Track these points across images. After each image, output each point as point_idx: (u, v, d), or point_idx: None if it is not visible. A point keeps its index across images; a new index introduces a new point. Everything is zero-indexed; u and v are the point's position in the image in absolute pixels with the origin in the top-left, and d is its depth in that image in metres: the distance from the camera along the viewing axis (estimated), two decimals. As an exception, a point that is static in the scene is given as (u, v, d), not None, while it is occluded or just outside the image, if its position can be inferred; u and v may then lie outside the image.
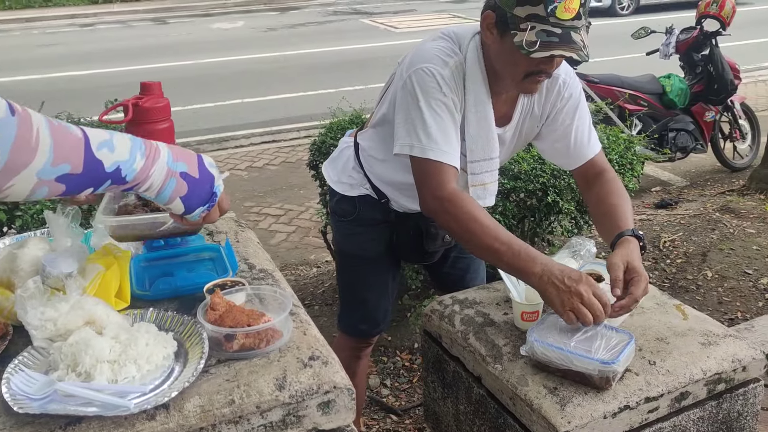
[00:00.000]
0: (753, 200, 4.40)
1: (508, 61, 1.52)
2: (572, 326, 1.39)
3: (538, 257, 1.41)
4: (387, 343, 3.06)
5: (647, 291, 1.45)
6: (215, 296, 1.18)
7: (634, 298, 1.41)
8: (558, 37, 1.42)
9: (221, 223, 1.78)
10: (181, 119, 7.29)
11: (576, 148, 1.74)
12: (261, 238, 4.44)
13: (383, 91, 1.77)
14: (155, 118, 1.34)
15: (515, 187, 2.75)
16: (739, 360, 1.50)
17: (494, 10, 1.50)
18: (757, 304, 3.18)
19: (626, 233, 1.54)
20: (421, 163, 1.53)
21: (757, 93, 7.37)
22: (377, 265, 1.96)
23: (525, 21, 1.43)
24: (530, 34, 1.42)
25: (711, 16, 4.96)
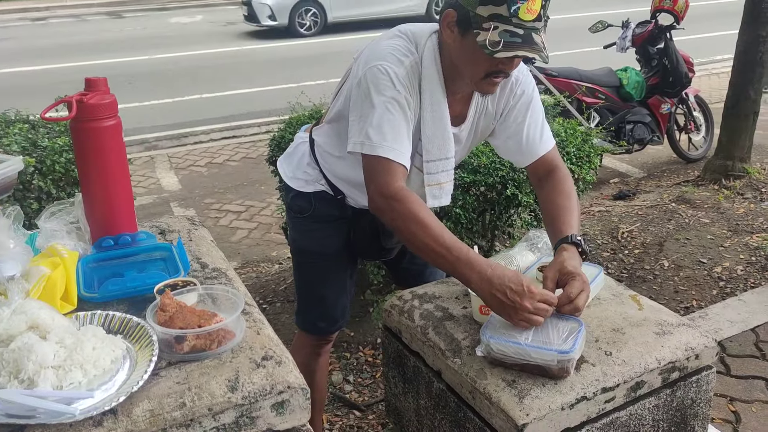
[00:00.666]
0: (707, 190, 4.50)
1: (469, 60, 1.52)
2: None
3: (476, 264, 1.41)
4: (350, 338, 3.05)
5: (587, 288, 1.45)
6: (165, 297, 1.15)
7: (567, 296, 1.42)
8: (520, 37, 1.43)
9: (173, 222, 1.74)
10: (138, 115, 7.18)
11: (528, 145, 1.74)
12: (222, 235, 4.43)
13: (338, 86, 1.75)
14: (101, 115, 1.30)
15: (475, 180, 2.76)
16: (692, 348, 1.52)
17: (456, 9, 1.49)
18: (711, 292, 3.25)
19: (566, 240, 1.56)
20: (371, 161, 1.53)
21: (710, 86, 7.54)
22: (335, 262, 1.94)
23: (488, 20, 1.43)
24: (493, 34, 1.42)
25: (665, 11, 5.04)
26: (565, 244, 1.55)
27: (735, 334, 2.78)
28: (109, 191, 1.43)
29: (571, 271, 1.45)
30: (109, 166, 1.40)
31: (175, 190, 5.30)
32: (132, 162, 5.76)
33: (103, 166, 1.39)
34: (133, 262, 1.43)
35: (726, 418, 2.31)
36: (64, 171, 2.52)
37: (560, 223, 1.61)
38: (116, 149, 1.40)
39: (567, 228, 1.59)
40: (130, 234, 1.47)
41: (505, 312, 1.38)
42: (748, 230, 3.85)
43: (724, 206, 4.19)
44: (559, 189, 1.70)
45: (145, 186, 5.38)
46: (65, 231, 1.42)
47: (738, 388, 2.46)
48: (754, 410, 2.35)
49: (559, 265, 1.48)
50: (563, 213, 1.64)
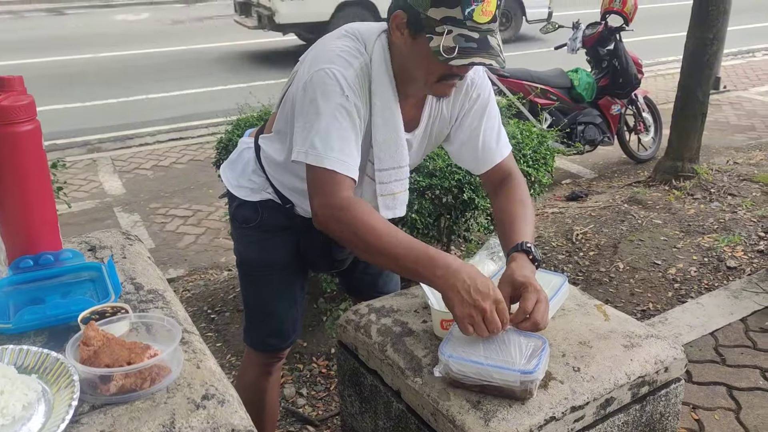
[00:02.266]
0: (658, 191, 4.54)
1: (422, 63, 1.43)
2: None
3: (441, 259, 1.32)
4: (302, 349, 2.93)
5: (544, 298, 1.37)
6: (89, 328, 1.01)
7: (523, 311, 1.34)
8: (476, 42, 1.35)
9: (106, 237, 1.59)
10: (81, 116, 6.90)
11: (484, 152, 1.67)
12: (168, 241, 4.25)
13: (283, 91, 1.64)
14: (16, 118, 1.15)
15: (431, 184, 2.69)
16: (661, 361, 1.48)
17: (405, 10, 1.40)
18: (666, 294, 3.25)
19: (516, 249, 1.48)
20: (316, 172, 1.41)
21: (657, 87, 7.68)
22: (284, 274, 1.83)
23: (440, 24, 1.35)
24: (447, 38, 1.34)
25: (615, 12, 5.08)
26: (514, 253, 1.47)
27: (695, 339, 2.77)
28: (28, 204, 1.27)
29: (522, 282, 1.37)
30: (27, 176, 1.24)
31: (119, 194, 5.09)
32: (72, 165, 5.53)
33: (19, 175, 1.23)
34: (57, 284, 1.27)
35: (690, 427, 2.28)
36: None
37: (512, 231, 1.54)
38: (35, 157, 1.25)
39: (518, 236, 1.51)
40: (53, 252, 1.32)
41: (460, 308, 1.28)
42: (700, 231, 3.88)
43: (676, 207, 4.22)
44: (512, 197, 1.63)
45: (87, 190, 5.16)
46: (-22, 251, 1.27)
47: (700, 396, 2.44)
48: (717, 418, 2.33)
49: (509, 278, 1.40)
50: (515, 221, 1.57)
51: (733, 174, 4.75)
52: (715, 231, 3.86)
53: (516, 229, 1.54)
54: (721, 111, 6.95)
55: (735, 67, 9.04)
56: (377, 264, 1.45)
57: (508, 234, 1.54)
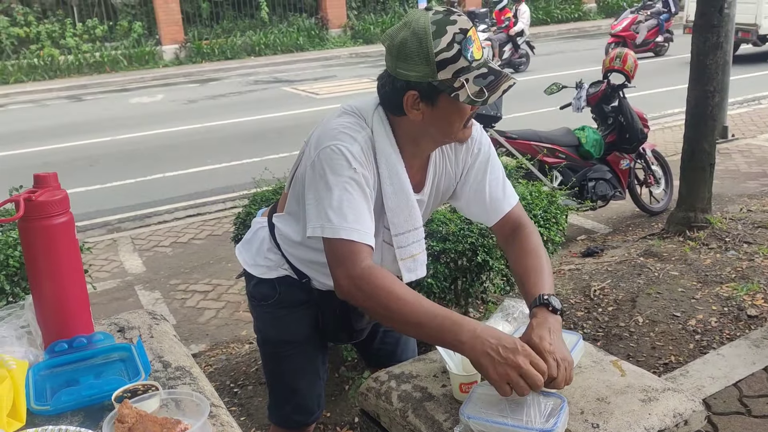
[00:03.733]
0: (673, 243, 4.55)
1: (447, 121, 1.52)
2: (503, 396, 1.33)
3: (465, 324, 1.35)
4: (326, 419, 2.93)
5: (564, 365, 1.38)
6: (123, 406, 1.07)
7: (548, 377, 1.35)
8: (491, 74, 1.46)
9: (133, 318, 1.66)
10: (101, 198, 7.08)
11: (492, 202, 1.72)
12: (189, 317, 4.30)
13: (292, 172, 1.71)
14: (51, 212, 1.24)
15: (445, 248, 2.74)
16: (680, 414, 1.48)
17: (414, 88, 1.49)
18: (688, 346, 3.23)
19: (535, 303, 1.51)
20: (333, 244, 1.46)
21: (665, 139, 7.76)
22: (305, 350, 1.86)
23: (455, 79, 1.44)
24: (470, 86, 1.43)
25: (616, 71, 5.22)
26: (534, 308, 1.50)
27: (718, 391, 2.74)
28: (62, 292, 1.35)
29: (541, 349, 1.37)
30: (61, 266, 1.32)
31: (140, 272, 5.18)
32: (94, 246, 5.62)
33: (54, 265, 1.32)
34: (90, 366, 1.34)
35: (719, 481, 2.25)
36: (19, 266, 2.42)
37: (529, 285, 1.57)
38: (68, 247, 1.33)
39: (534, 289, 1.55)
40: (86, 336, 1.39)
41: (494, 369, 1.30)
42: (717, 280, 3.87)
43: (691, 257, 4.22)
44: (525, 248, 1.67)
45: (108, 270, 5.25)
46: (15, 336, 1.33)
47: (728, 448, 2.40)
48: (746, 470, 2.29)
49: (527, 339, 1.41)
50: (530, 274, 1.60)
51: (748, 222, 4.76)
52: (733, 280, 3.85)
53: (532, 282, 1.57)
54: (731, 159, 6.99)
55: (742, 115, 9.11)
56: (400, 331, 1.49)
57: (526, 288, 1.57)
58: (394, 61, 1.49)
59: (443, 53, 1.43)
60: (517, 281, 1.67)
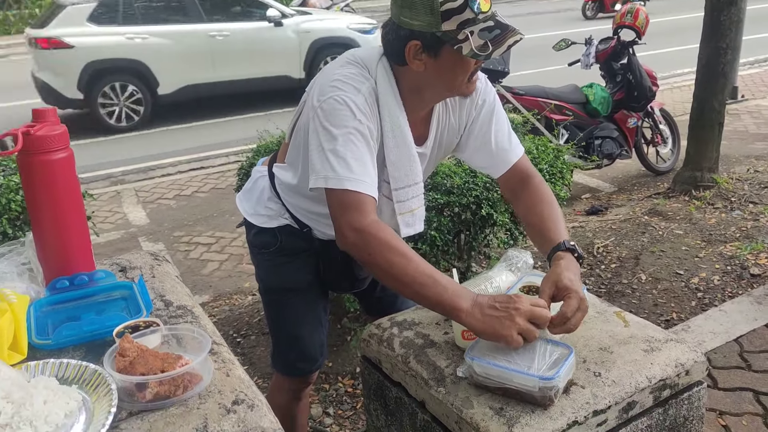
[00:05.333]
0: (678, 202, 4.53)
1: (450, 74, 1.48)
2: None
3: (465, 293, 1.35)
4: (328, 369, 2.96)
5: (584, 307, 1.38)
6: (124, 340, 1.06)
7: (563, 315, 1.35)
8: (498, 28, 1.41)
9: (135, 258, 1.65)
10: (104, 150, 7.05)
11: (499, 153, 1.69)
12: (192, 269, 4.32)
13: (293, 121, 1.68)
14: (50, 147, 1.22)
15: (449, 201, 2.72)
16: (682, 364, 1.48)
17: (417, 38, 1.44)
18: (690, 304, 3.24)
19: (558, 248, 1.50)
20: (338, 195, 1.43)
21: (674, 99, 7.67)
22: (307, 297, 1.86)
23: (459, 31, 1.39)
24: (474, 39, 1.39)
25: (627, 26, 5.12)
26: (559, 252, 1.48)
27: (719, 346, 2.75)
28: (63, 228, 1.33)
29: (568, 287, 1.38)
30: (62, 202, 1.31)
31: (143, 224, 5.19)
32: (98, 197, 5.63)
33: (54, 201, 1.30)
34: (91, 303, 1.33)
35: (717, 433, 2.27)
36: (21, 210, 2.41)
37: (549, 231, 1.55)
38: (68, 183, 1.31)
39: (557, 235, 1.53)
40: (87, 273, 1.38)
41: (501, 326, 1.29)
42: (722, 240, 3.86)
43: (696, 217, 4.21)
44: (538, 197, 1.64)
45: (112, 221, 5.26)
46: (16, 273, 1.33)
47: (726, 402, 2.42)
48: (745, 423, 2.31)
49: (556, 278, 1.40)
50: (549, 221, 1.58)
51: (754, 182, 4.73)
52: (737, 239, 3.84)
53: (552, 228, 1.55)
54: (740, 120, 6.91)
55: (753, 76, 8.99)
56: (398, 290, 1.45)
57: (545, 234, 1.55)
58: (398, 8, 1.45)
59: (448, 3, 1.38)
60: (531, 229, 1.65)
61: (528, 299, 1.33)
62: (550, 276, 1.43)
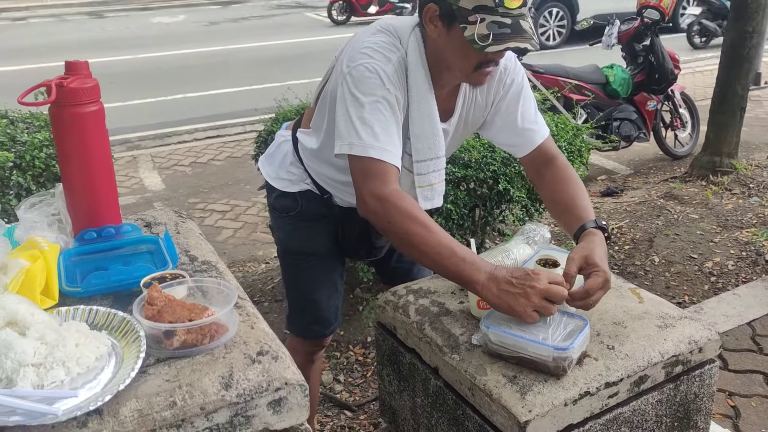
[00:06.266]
0: (695, 187, 4.50)
1: (458, 53, 1.46)
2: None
3: (482, 265, 1.35)
4: (339, 337, 2.99)
5: (608, 287, 1.40)
6: (152, 290, 1.09)
7: (586, 291, 1.37)
8: (509, 27, 1.38)
9: (160, 215, 1.68)
10: (121, 115, 7.08)
11: (524, 133, 1.69)
12: (207, 235, 4.30)
13: (320, 86, 1.68)
14: (82, 99, 1.23)
15: (466, 175, 2.72)
16: (695, 341, 1.49)
17: (437, 3, 1.44)
18: (702, 288, 3.24)
19: (588, 225, 1.50)
20: (362, 162, 1.44)
21: (695, 83, 7.58)
22: (324, 262, 1.88)
23: (473, 13, 1.38)
24: (481, 27, 1.37)
25: (651, 7, 5.05)
26: (591, 228, 1.49)
27: (731, 328, 2.76)
28: (92, 181, 1.36)
29: (598, 264, 1.39)
30: (92, 154, 1.33)
31: (159, 189, 5.23)
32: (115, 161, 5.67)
33: (85, 154, 1.32)
34: (118, 255, 1.36)
35: (725, 413, 2.29)
36: (45, 167, 2.44)
37: (578, 209, 1.56)
38: (99, 136, 1.33)
39: (586, 213, 1.54)
40: (114, 226, 1.40)
41: (516, 302, 1.31)
42: (738, 225, 3.85)
43: (713, 202, 4.19)
44: (565, 176, 1.65)
45: (128, 186, 5.30)
46: (46, 223, 1.35)
47: (737, 383, 2.44)
48: (754, 405, 2.33)
49: (588, 253, 1.41)
50: (576, 200, 1.58)
51: (773, 170, 4.69)
52: (753, 225, 3.82)
53: (581, 206, 1.56)
54: (762, 107, 6.83)
55: (776, 63, 8.85)
56: (416, 259, 1.46)
57: (573, 211, 1.56)
58: None
59: None
60: (555, 207, 1.66)
61: (546, 275, 1.34)
62: (580, 250, 1.43)
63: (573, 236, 1.54)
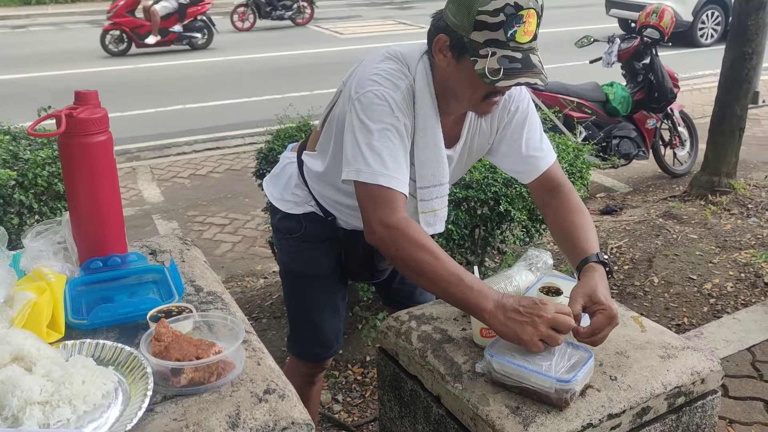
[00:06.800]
0: (694, 206, 4.51)
1: (467, 84, 1.47)
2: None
3: (490, 293, 1.36)
4: (338, 356, 2.98)
5: (616, 323, 1.40)
6: (160, 325, 1.09)
7: (593, 330, 1.37)
8: (520, 62, 1.38)
9: (165, 242, 1.68)
10: (120, 126, 7.00)
11: (529, 160, 1.70)
12: (205, 249, 4.35)
13: (327, 111, 1.68)
14: (91, 130, 1.24)
15: (467, 196, 2.73)
16: (697, 372, 1.49)
17: (447, 34, 1.44)
18: (702, 309, 3.24)
19: (590, 259, 1.50)
20: (370, 189, 1.45)
21: (694, 101, 7.61)
22: (326, 284, 1.88)
23: (484, 47, 1.39)
24: (492, 61, 1.38)
25: (651, 26, 5.08)
26: (592, 263, 1.49)
27: (731, 354, 2.76)
28: (99, 210, 1.36)
29: (603, 302, 1.39)
30: (99, 184, 1.33)
31: (158, 201, 5.22)
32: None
33: (92, 183, 1.33)
34: (124, 285, 1.36)
35: (726, 440, 2.29)
36: (47, 185, 2.43)
37: (581, 240, 1.56)
38: (107, 166, 1.34)
39: (590, 246, 1.54)
40: (120, 255, 1.41)
41: (523, 331, 1.31)
42: (736, 246, 3.85)
43: (712, 222, 4.20)
44: (570, 206, 1.65)
45: (127, 198, 5.29)
46: (52, 251, 1.35)
47: (737, 410, 2.44)
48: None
49: (591, 291, 1.41)
50: (581, 230, 1.59)
51: (772, 189, 4.71)
52: (752, 246, 3.83)
53: (584, 238, 1.56)
54: (760, 125, 6.86)
55: (774, 81, 8.90)
56: (424, 286, 1.47)
57: (577, 243, 1.56)
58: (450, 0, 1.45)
59: (485, 15, 1.36)
60: (559, 236, 1.66)
61: (553, 305, 1.34)
62: (583, 287, 1.43)
63: (575, 268, 1.54)
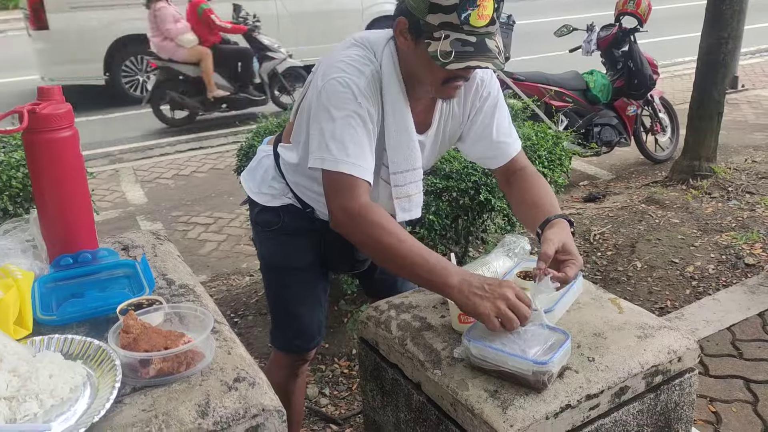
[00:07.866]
0: (675, 191, 4.55)
1: (425, 68, 1.47)
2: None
3: (454, 269, 1.38)
4: (324, 350, 2.99)
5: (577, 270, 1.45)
6: (128, 317, 1.08)
7: (565, 280, 1.41)
8: (473, 46, 1.39)
9: (137, 237, 1.67)
10: (101, 128, 7.03)
11: (499, 146, 1.72)
12: (190, 248, 4.33)
13: (299, 101, 1.69)
14: (56, 125, 1.23)
15: (447, 186, 2.73)
16: (674, 351, 1.50)
17: (406, 17, 1.45)
18: (684, 292, 3.27)
19: (557, 216, 1.53)
20: (332, 177, 1.46)
21: (674, 87, 7.66)
22: (307, 276, 1.88)
23: (438, 29, 1.39)
24: (444, 43, 1.38)
25: (629, 14, 5.10)
26: (557, 219, 1.52)
27: (711, 334, 2.79)
28: (67, 206, 1.35)
29: (573, 252, 1.44)
30: (66, 180, 1.32)
31: (141, 203, 5.19)
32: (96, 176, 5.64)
33: (59, 179, 1.31)
34: (95, 281, 1.35)
35: (707, 419, 2.30)
36: (22, 187, 2.42)
37: (543, 206, 1.59)
38: (73, 161, 1.32)
39: (554, 209, 1.57)
40: (91, 251, 1.40)
41: (482, 305, 1.33)
42: (717, 229, 3.89)
43: (693, 206, 4.23)
44: (534, 181, 1.69)
45: (110, 200, 5.26)
46: (20, 249, 1.34)
47: (717, 389, 2.46)
48: (734, 410, 2.35)
49: (564, 240, 1.45)
50: (544, 199, 1.62)
51: (752, 172, 4.74)
52: (733, 229, 3.86)
53: (549, 202, 1.60)
54: (740, 110, 6.92)
55: (753, 65, 8.98)
56: (390, 268, 1.49)
57: (540, 208, 1.59)
58: None
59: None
60: (522, 207, 1.68)
61: (517, 291, 1.36)
62: (557, 234, 1.47)
63: (536, 226, 1.56)
